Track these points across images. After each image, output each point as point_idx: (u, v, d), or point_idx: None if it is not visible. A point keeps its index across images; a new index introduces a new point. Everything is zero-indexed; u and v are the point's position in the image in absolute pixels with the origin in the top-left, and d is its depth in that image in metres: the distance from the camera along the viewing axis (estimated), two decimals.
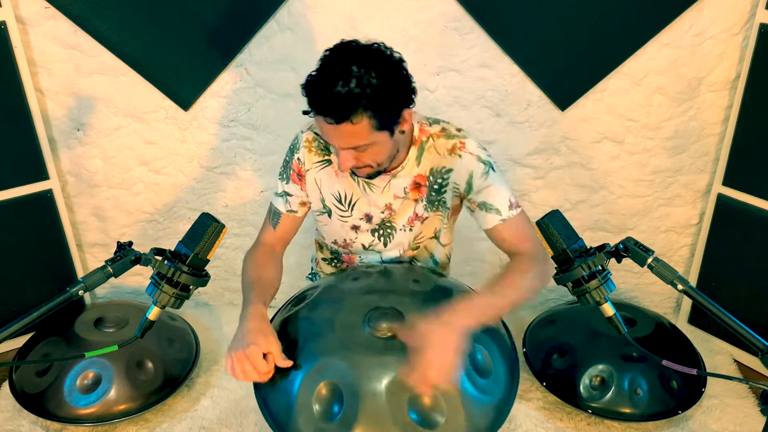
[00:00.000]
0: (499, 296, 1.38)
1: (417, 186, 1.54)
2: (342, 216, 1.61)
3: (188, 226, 1.35)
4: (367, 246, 1.66)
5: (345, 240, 1.67)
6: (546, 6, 2.03)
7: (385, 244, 1.64)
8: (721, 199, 2.21)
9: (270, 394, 1.30)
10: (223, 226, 1.34)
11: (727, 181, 2.18)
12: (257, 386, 1.33)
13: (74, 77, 2.17)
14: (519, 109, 2.19)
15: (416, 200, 1.56)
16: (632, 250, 1.31)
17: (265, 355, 1.28)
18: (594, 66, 2.12)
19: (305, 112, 1.34)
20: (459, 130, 1.53)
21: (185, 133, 2.28)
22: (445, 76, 2.15)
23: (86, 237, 2.46)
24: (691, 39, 2.06)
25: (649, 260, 1.29)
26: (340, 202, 1.59)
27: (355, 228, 1.63)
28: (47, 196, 2.24)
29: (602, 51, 2.10)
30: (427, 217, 1.59)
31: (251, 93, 2.21)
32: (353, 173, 1.50)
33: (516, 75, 2.14)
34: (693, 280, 2.36)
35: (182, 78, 2.19)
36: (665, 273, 1.29)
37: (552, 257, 1.35)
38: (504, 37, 2.08)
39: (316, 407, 1.22)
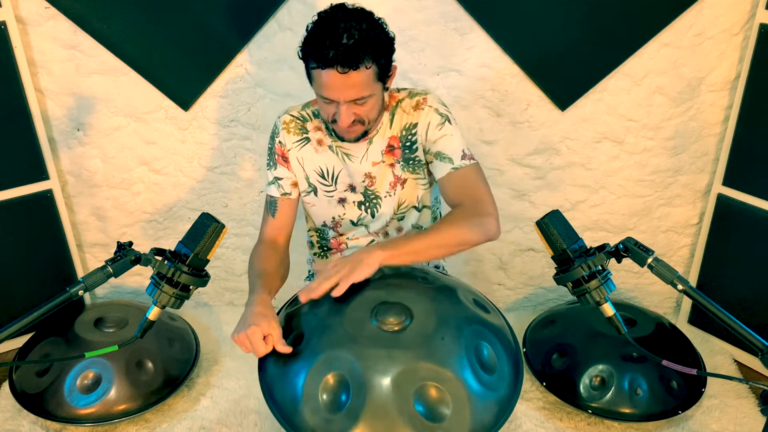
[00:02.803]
0: (418, 239, 1.43)
1: (391, 149, 1.63)
2: (327, 191, 1.68)
3: (188, 226, 1.35)
4: (355, 221, 1.72)
5: (334, 218, 1.73)
6: (546, 6, 2.03)
7: (373, 215, 1.71)
8: (721, 199, 2.21)
9: (275, 386, 1.30)
10: (223, 226, 1.34)
11: (727, 181, 2.18)
12: (262, 377, 1.34)
13: (74, 77, 2.17)
14: (519, 109, 2.19)
15: (392, 164, 1.64)
16: (632, 250, 1.31)
17: (266, 340, 1.33)
18: (594, 66, 2.12)
19: (311, 68, 1.44)
20: (423, 89, 1.65)
21: (185, 133, 2.28)
22: (445, 76, 2.15)
23: (86, 237, 2.46)
24: (691, 39, 2.06)
25: (649, 260, 1.29)
26: (323, 177, 1.67)
27: (342, 201, 1.70)
28: (47, 196, 2.24)
29: (602, 51, 2.10)
30: (406, 179, 1.66)
31: (251, 93, 2.21)
32: (337, 136, 1.60)
33: (516, 75, 2.14)
34: (693, 280, 2.36)
35: (182, 78, 2.19)
36: (665, 273, 1.29)
37: (552, 257, 1.35)
38: (504, 37, 2.08)
39: (323, 398, 1.23)
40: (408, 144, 1.63)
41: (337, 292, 1.32)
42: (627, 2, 2.01)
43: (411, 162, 1.65)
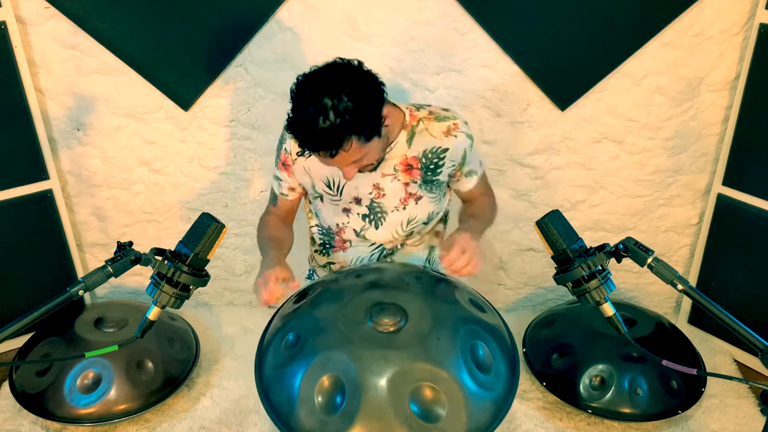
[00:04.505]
0: (481, 221, 1.68)
1: (409, 168, 1.64)
2: (333, 200, 1.70)
3: (188, 226, 1.35)
4: (358, 231, 1.73)
5: (338, 225, 1.75)
6: (546, 6, 2.03)
7: (377, 227, 1.71)
8: (721, 199, 2.21)
9: (271, 388, 1.30)
10: (223, 226, 1.34)
11: (727, 181, 2.18)
12: (258, 379, 1.34)
13: (74, 77, 2.17)
14: (519, 109, 2.19)
15: (407, 183, 1.66)
16: (632, 250, 1.31)
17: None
18: (594, 66, 2.12)
19: (299, 153, 1.53)
20: (446, 110, 1.66)
21: (185, 133, 2.28)
22: (445, 76, 2.15)
23: (86, 237, 2.46)
24: (691, 39, 2.06)
25: (649, 260, 1.29)
26: (329, 186, 1.68)
27: (347, 211, 1.71)
28: (47, 196, 2.24)
29: (602, 51, 2.10)
30: (421, 197, 1.68)
31: (251, 93, 2.21)
32: None
33: (516, 75, 2.14)
34: (693, 280, 2.37)
35: (182, 78, 2.19)
36: (665, 273, 1.28)
37: (552, 257, 1.35)
38: (504, 37, 2.08)
39: (319, 400, 1.23)
40: (431, 166, 1.64)
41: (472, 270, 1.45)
42: (627, 2, 2.01)
43: (431, 183, 1.66)
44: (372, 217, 1.70)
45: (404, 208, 1.68)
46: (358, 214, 1.70)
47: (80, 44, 2.11)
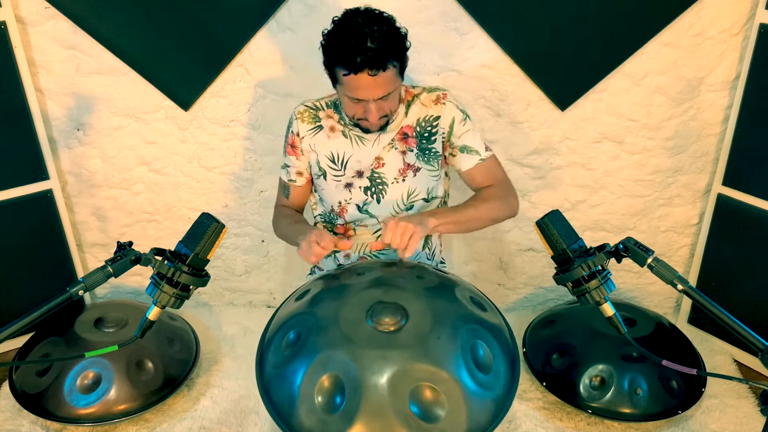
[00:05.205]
0: (460, 211, 1.68)
1: (405, 137, 1.74)
2: (336, 176, 1.77)
3: (188, 226, 1.35)
4: (361, 206, 1.78)
5: (340, 203, 1.80)
6: (546, 6, 2.03)
7: (378, 201, 1.78)
8: (721, 199, 2.21)
9: (272, 387, 1.31)
10: (223, 226, 1.34)
11: (727, 181, 2.18)
12: (259, 378, 1.34)
13: (74, 77, 2.17)
14: (519, 109, 2.19)
15: (404, 151, 1.74)
16: (632, 250, 1.31)
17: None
18: (594, 66, 2.12)
19: (342, 75, 1.53)
20: (436, 86, 1.79)
21: (185, 133, 2.28)
22: (445, 76, 2.15)
23: (86, 237, 2.46)
24: (691, 39, 2.06)
25: (649, 260, 1.29)
26: (333, 161, 1.76)
27: (349, 186, 1.77)
28: (47, 196, 2.24)
29: (602, 51, 2.10)
30: (419, 168, 1.74)
31: (251, 93, 2.21)
32: (361, 129, 1.71)
33: (516, 75, 2.14)
34: (693, 280, 2.36)
35: (182, 78, 2.19)
36: (665, 273, 1.29)
37: (552, 257, 1.35)
38: (504, 37, 2.08)
39: (319, 399, 1.24)
40: (426, 135, 1.73)
41: (409, 252, 1.50)
42: (627, 2, 2.01)
43: (427, 152, 1.74)
44: (373, 189, 1.76)
45: (403, 180, 1.75)
46: (360, 187, 1.76)
47: (80, 44, 2.11)
